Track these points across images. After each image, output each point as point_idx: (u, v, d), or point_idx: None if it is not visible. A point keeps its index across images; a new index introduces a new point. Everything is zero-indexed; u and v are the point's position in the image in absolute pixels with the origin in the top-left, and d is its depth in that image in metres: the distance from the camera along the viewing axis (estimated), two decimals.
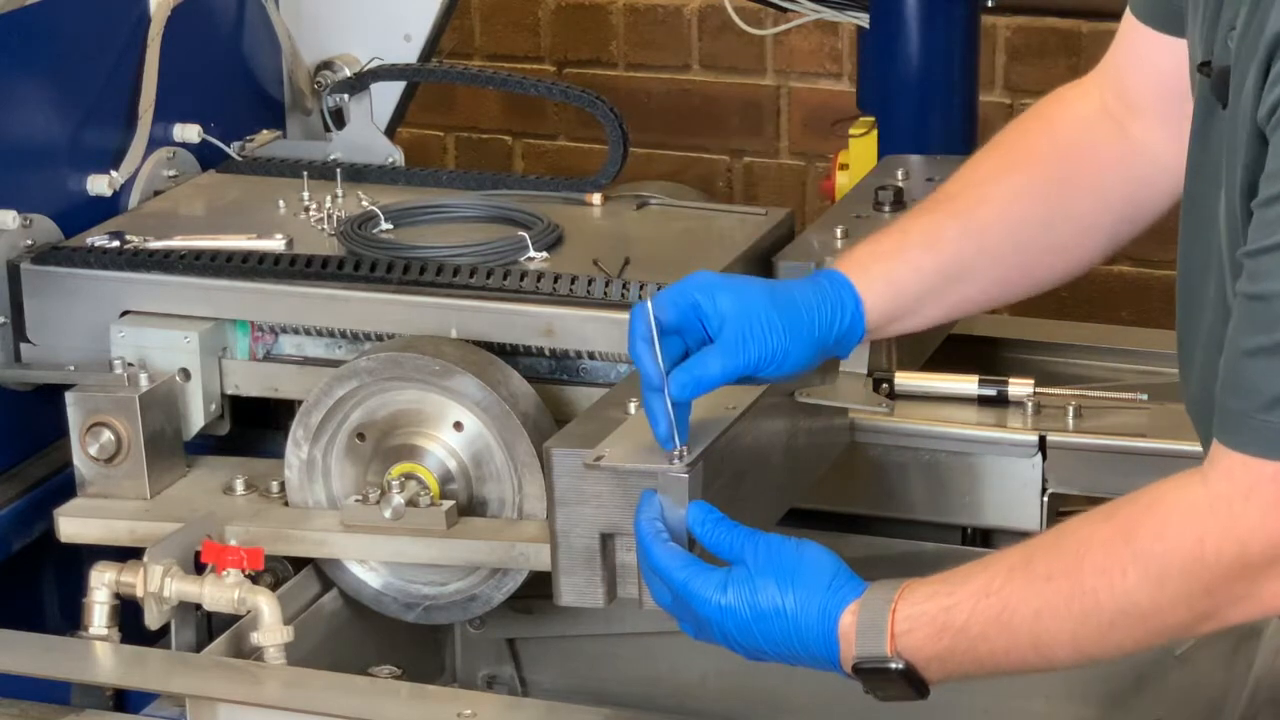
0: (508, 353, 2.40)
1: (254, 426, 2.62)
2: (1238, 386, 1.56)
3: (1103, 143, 1.98)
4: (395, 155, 2.92)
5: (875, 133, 3.41)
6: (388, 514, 2.32)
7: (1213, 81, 1.67)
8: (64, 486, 2.48)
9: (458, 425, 2.35)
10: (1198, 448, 1.82)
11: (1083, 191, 1.99)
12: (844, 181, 3.44)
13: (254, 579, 2.25)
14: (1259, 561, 1.56)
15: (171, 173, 2.84)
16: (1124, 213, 2.00)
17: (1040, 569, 1.65)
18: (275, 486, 2.44)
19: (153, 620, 2.25)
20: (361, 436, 2.38)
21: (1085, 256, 2.03)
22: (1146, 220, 2.01)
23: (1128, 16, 1.94)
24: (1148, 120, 1.95)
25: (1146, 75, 1.93)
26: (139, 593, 2.24)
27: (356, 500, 2.35)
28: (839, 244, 2.55)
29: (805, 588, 1.74)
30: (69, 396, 2.44)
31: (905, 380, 2.49)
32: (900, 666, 1.70)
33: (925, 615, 1.69)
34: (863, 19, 3.42)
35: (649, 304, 1.87)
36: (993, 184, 2.00)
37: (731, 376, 1.88)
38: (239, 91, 3.01)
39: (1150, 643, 1.65)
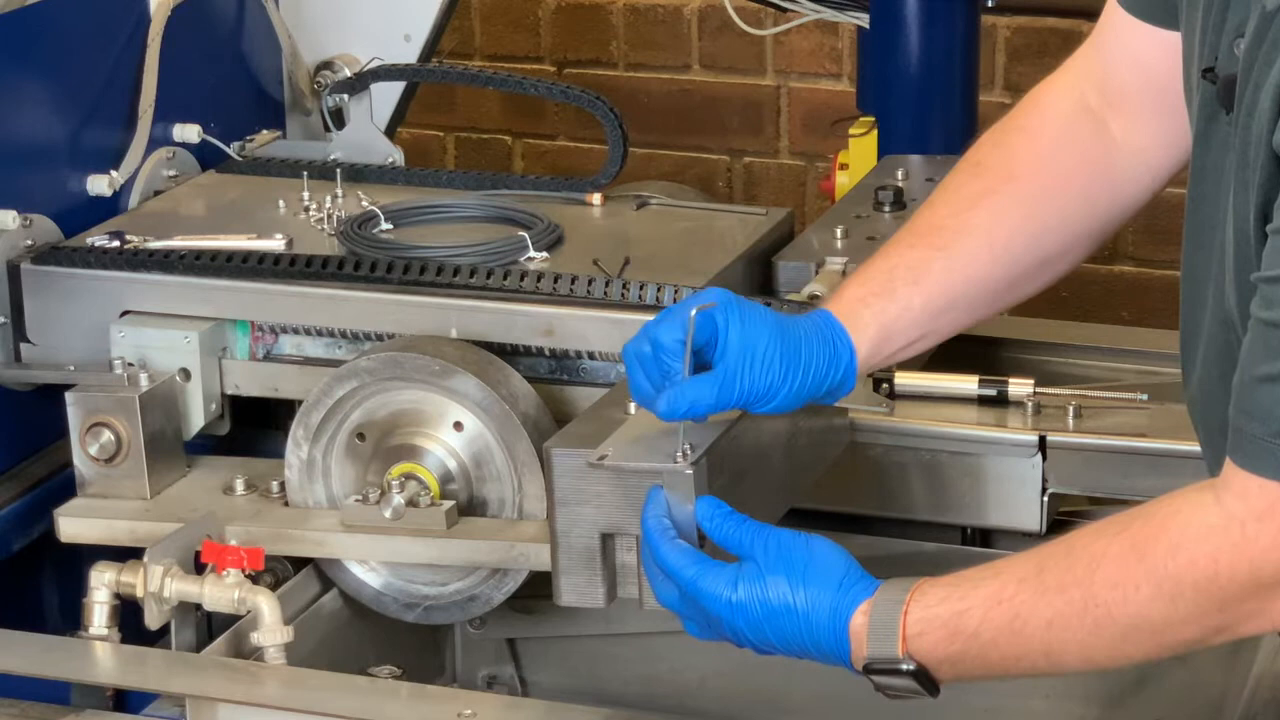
0: (508, 353, 2.40)
1: (254, 426, 2.62)
2: (1252, 411, 1.57)
3: (1083, 144, 1.98)
4: (395, 155, 2.92)
5: (875, 133, 3.42)
6: (388, 514, 2.32)
7: (1218, 89, 1.67)
8: (64, 486, 2.48)
9: (458, 425, 2.35)
10: (1198, 447, 1.84)
11: (1067, 198, 1.98)
12: (844, 181, 3.45)
13: (254, 579, 2.25)
14: (1271, 580, 1.57)
15: (171, 173, 2.84)
16: (1109, 211, 2.00)
17: (1051, 580, 1.65)
18: (275, 486, 2.44)
19: (153, 620, 2.25)
20: (361, 436, 2.38)
21: (1073, 259, 2.03)
22: (1131, 213, 2.01)
23: (1112, 10, 1.93)
24: (1131, 113, 1.95)
25: (1132, 68, 1.93)
26: (139, 593, 2.24)
27: (356, 500, 2.35)
28: (839, 244, 2.55)
29: (816, 585, 1.74)
30: (69, 396, 2.44)
31: (905, 380, 2.49)
32: (912, 668, 1.70)
33: (937, 619, 1.69)
34: (863, 19, 3.42)
35: (693, 314, 1.87)
36: (976, 210, 1.99)
37: (722, 409, 1.90)
38: (239, 91, 3.01)
39: (1160, 655, 1.66)
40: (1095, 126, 1.97)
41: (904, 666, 1.70)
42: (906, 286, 1.97)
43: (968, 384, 2.50)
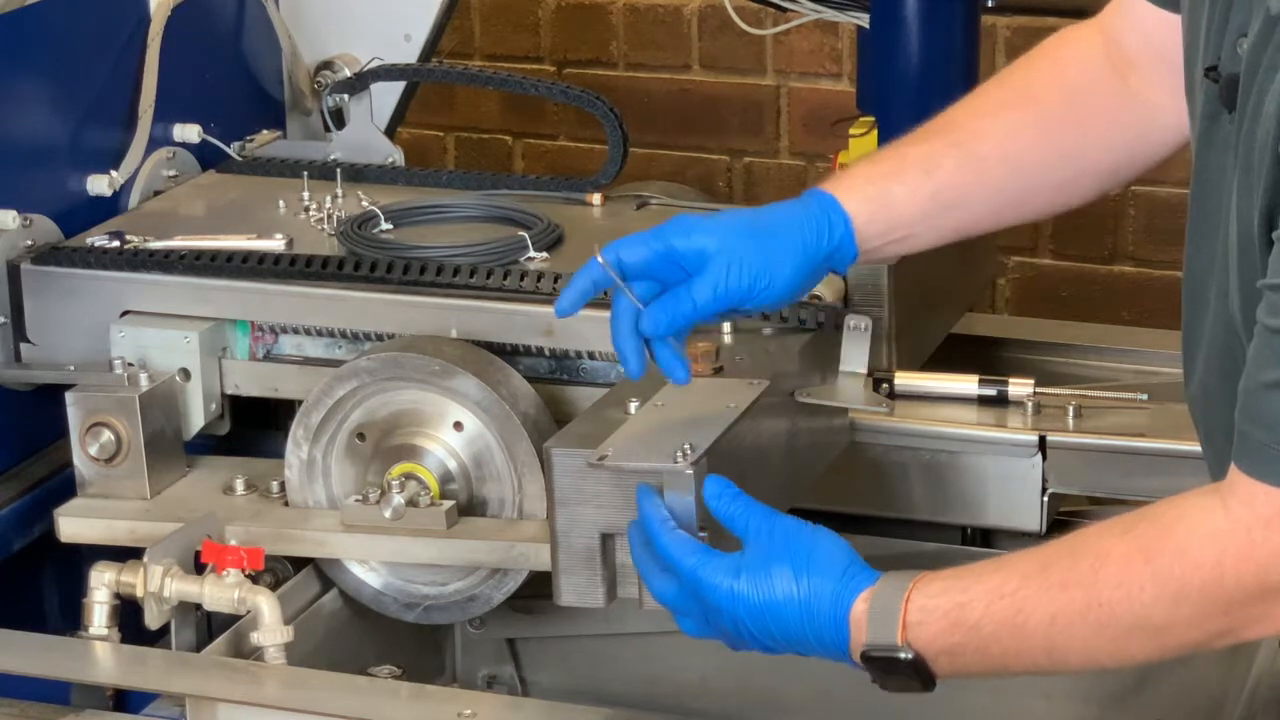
0: (508, 353, 2.40)
1: (254, 426, 2.62)
2: (1258, 417, 1.57)
3: (1106, 89, 1.99)
4: (395, 155, 2.92)
5: (875, 133, 3.41)
6: (388, 514, 2.32)
7: (1220, 89, 1.67)
8: (64, 486, 2.48)
9: (458, 425, 2.35)
10: (1198, 447, 1.84)
11: (1084, 135, 2.00)
12: None
13: (254, 579, 2.25)
14: (1276, 585, 1.58)
15: (171, 173, 2.84)
16: (1123, 158, 2.02)
17: (1055, 577, 1.65)
18: (275, 486, 2.44)
19: (153, 620, 2.25)
20: (361, 436, 2.38)
21: (1081, 195, 2.05)
22: (1144, 167, 2.03)
23: None
24: (1142, 76, 1.97)
25: (1138, 37, 1.96)
26: (139, 593, 2.24)
27: (356, 500, 2.35)
28: None
29: (819, 574, 1.74)
30: (69, 396, 2.44)
31: (905, 380, 2.49)
32: (909, 657, 1.69)
33: (939, 609, 1.68)
34: (863, 19, 3.42)
35: (599, 256, 1.91)
36: (995, 117, 2.01)
37: (709, 311, 1.91)
38: (239, 91, 3.01)
39: (1163, 656, 1.66)
40: (1118, 77, 1.99)
41: (901, 655, 1.69)
42: (917, 174, 1.98)
43: (968, 384, 2.50)
